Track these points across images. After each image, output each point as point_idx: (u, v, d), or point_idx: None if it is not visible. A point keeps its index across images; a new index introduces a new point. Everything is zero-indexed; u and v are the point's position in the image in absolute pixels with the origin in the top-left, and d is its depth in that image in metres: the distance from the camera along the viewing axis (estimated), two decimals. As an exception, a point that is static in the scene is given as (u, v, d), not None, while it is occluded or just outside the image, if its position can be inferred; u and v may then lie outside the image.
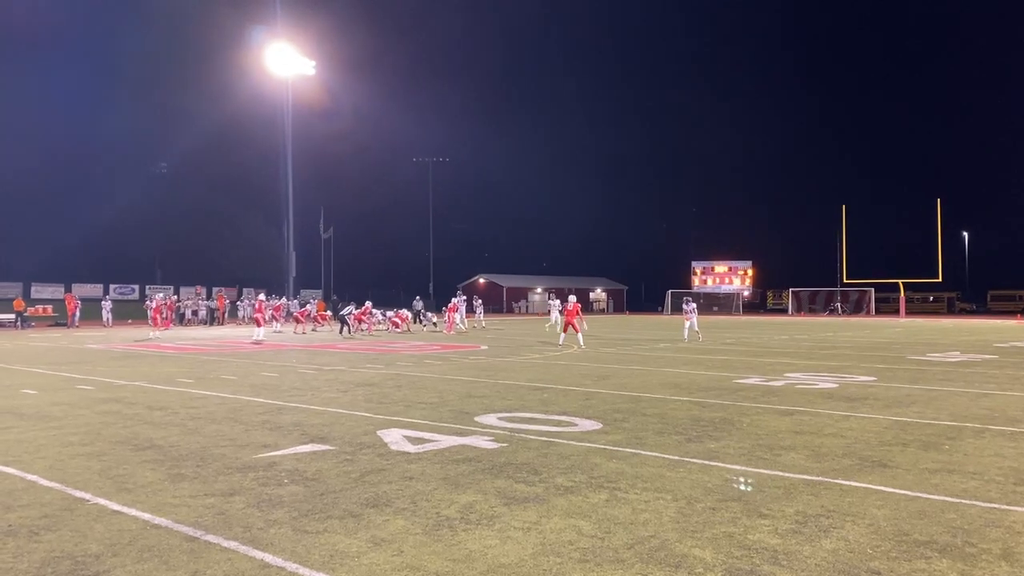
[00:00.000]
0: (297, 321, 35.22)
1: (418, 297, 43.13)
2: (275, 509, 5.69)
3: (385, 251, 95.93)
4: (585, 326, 24.64)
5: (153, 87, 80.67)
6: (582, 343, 23.85)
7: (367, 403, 11.19)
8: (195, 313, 46.59)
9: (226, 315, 47.66)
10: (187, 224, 79.14)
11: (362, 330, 32.82)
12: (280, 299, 42.58)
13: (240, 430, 9.03)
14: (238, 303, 51.10)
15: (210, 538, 5.05)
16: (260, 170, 70.80)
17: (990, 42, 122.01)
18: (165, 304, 32.38)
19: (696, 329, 27.51)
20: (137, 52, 76.79)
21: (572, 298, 24.64)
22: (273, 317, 36.31)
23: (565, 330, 24.42)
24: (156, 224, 76.97)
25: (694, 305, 28.74)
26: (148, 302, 38.86)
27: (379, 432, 8.75)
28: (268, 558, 4.68)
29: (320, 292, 68.48)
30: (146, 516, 5.55)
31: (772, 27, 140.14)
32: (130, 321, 45.44)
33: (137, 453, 7.78)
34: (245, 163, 78.87)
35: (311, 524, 5.33)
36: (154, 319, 30.49)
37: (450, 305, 35.00)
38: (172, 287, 63.32)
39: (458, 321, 34.90)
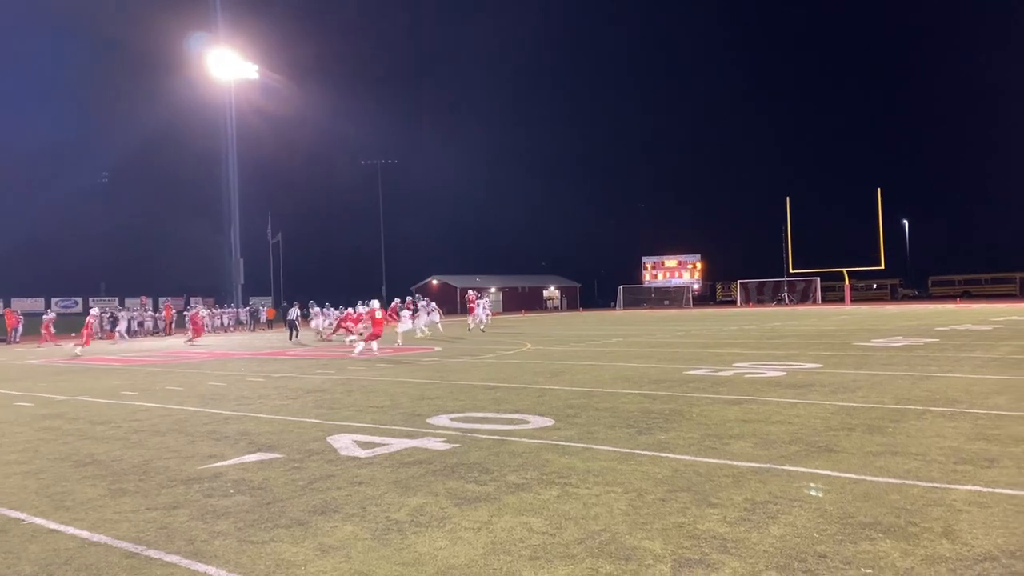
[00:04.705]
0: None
1: (361, 301, 41.40)
2: (220, 520, 5.56)
3: (335, 254, 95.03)
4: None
5: (90, 95, 78.75)
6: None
7: (317, 409, 11.03)
8: (141, 324, 45.52)
9: (173, 325, 46.66)
10: (131, 234, 77.60)
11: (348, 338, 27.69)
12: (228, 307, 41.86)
13: (185, 441, 8.83)
14: (184, 313, 50.04)
15: (151, 553, 4.90)
16: (204, 177, 69.61)
17: (924, 36, 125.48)
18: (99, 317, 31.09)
19: (479, 322, 31.10)
20: (74, 61, 74.96)
21: (471, 293, 29.09)
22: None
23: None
24: (98, 235, 75.25)
25: (483, 300, 31.94)
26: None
27: (329, 438, 8.62)
28: (211, 570, 4.56)
29: (270, 299, 67.50)
30: (84, 534, 5.37)
31: (712, 26, 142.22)
32: (73, 335, 44.23)
33: (77, 469, 7.54)
34: (189, 170, 77.56)
35: (257, 534, 5.21)
36: (84, 334, 28.62)
37: (470, 295, 36.32)
38: (117, 298, 61.88)
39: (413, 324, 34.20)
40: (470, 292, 27.11)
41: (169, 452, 8.23)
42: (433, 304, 34.54)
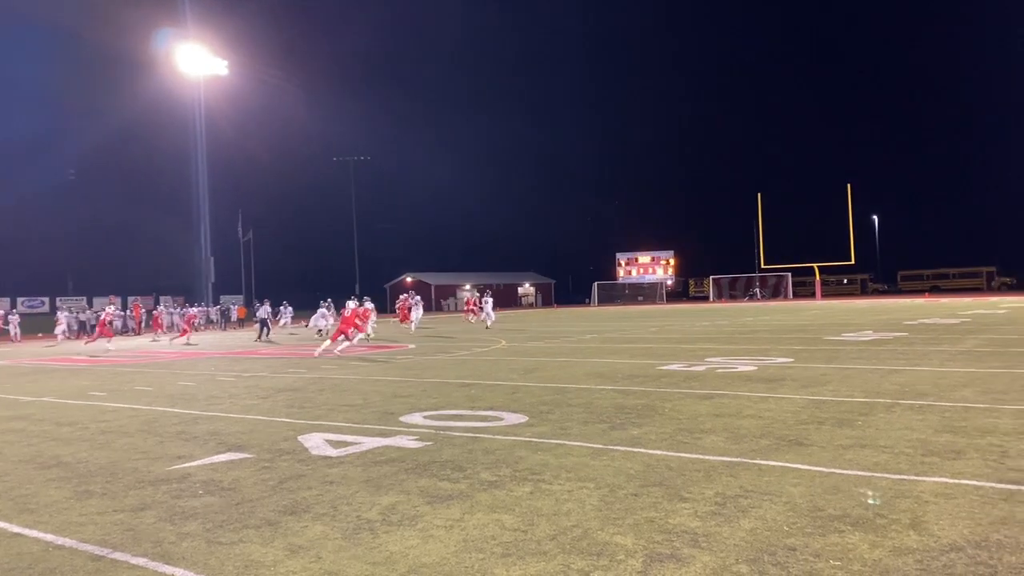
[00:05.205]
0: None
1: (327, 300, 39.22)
2: (188, 522, 5.48)
3: (309, 252, 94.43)
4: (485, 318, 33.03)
5: (56, 91, 77.50)
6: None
7: (288, 408, 10.94)
8: (110, 324, 44.82)
9: (143, 325, 46.09)
10: (99, 232, 76.50)
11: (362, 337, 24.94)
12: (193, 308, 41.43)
13: (154, 442, 8.71)
14: (154, 311, 49.42)
15: (117, 556, 4.82)
16: (174, 174, 68.87)
17: (895, 33, 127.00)
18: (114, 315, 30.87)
19: (490, 319, 33.29)
20: (40, 56, 73.70)
21: (476, 296, 29.87)
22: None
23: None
24: (66, 233, 74.10)
25: (417, 299, 34.44)
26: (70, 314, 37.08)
27: (300, 437, 8.54)
28: (179, 572, 4.49)
29: (242, 297, 66.86)
30: (49, 537, 5.28)
31: (684, 24, 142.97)
32: (40, 335, 43.51)
33: (42, 471, 7.41)
34: (158, 167, 76.59)
35: (225, 535, 5.15)
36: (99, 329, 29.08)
37: (474, 297, 38.01)
38: (85, 298, 60.99)
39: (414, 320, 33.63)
40: (475, 296, 28.65)
41: (137, 453, 8.11)
42: (418, 298, 34.71)
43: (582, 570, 4.29)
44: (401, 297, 38.72)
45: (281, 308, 39.20)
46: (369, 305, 27.89)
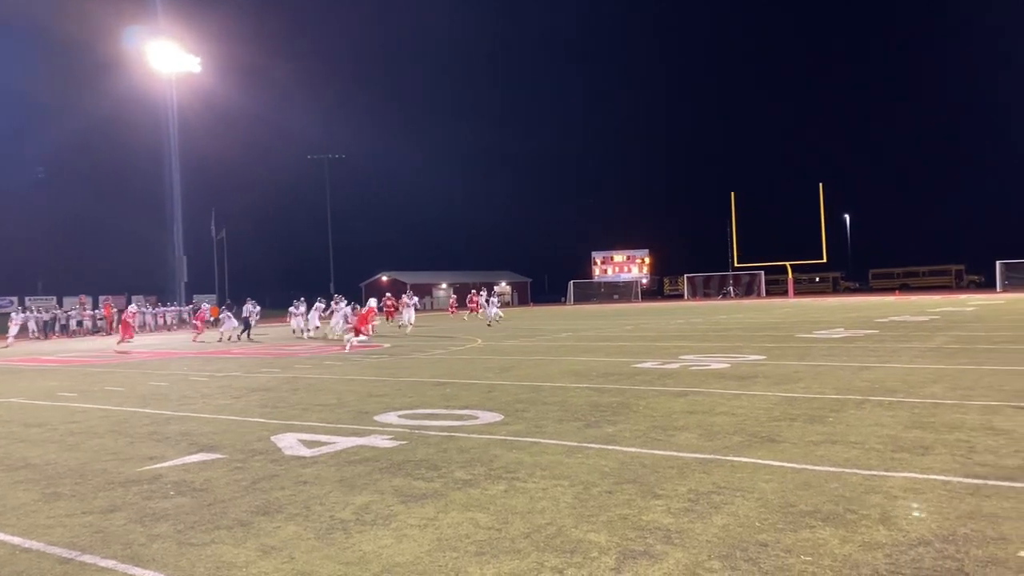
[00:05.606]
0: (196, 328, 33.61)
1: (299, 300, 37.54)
2: (159, 523, 5.42)
3: (283, 251, 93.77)
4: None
5: (24, 88, 76.31)
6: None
7: (261, 408, 10.85)
8: (80, 323, 44.29)
9: (114, 325, 45.48)
10: (69, 231, 75.43)
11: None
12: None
13: (124, 443, 8.60)
14: (123, 312, 48.75)
15: (86, 558, 4.76)
16: (146, 172, 68.09)
17: (868, 33, 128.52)
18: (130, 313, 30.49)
19: (494, 316, 34.50)
20: (7, 52, 72.55)
21: (472, 292, 30.12)
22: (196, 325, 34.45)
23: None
24: (35, 232, 72.99)
25: (415, 300, 33.64)
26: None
27: (273, 438, 8.48)
28: (149, 574, 4.44)
29: (215, 296, 66.22)
30: (15, 540, 5.19)
31: (661, 24, 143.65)
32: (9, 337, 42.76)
33: (9, 474, 7.29)
34: (130, 165, 75.66)
35: (197, 536, 5.10)
36: (123, 328, 28.79)
37: (471, 293, 39.06)
38: (55, 297, 60.07)
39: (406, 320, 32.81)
40: (471, 291, 28.98)
41: (107, 454, 8.01)
42: (416, 299, 34.75)
43: (556, 568, 4.30)
44: (387, 295, 38.84)
45: (249, 307, 38.77)
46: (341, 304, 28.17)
